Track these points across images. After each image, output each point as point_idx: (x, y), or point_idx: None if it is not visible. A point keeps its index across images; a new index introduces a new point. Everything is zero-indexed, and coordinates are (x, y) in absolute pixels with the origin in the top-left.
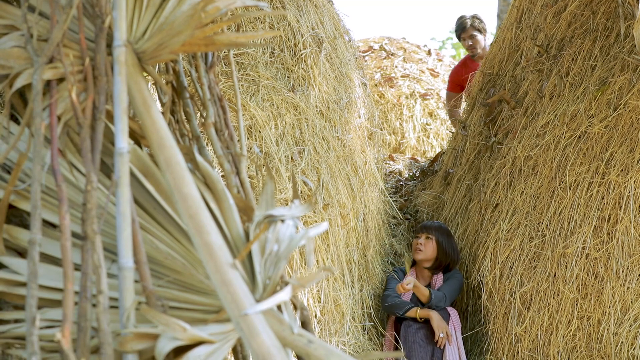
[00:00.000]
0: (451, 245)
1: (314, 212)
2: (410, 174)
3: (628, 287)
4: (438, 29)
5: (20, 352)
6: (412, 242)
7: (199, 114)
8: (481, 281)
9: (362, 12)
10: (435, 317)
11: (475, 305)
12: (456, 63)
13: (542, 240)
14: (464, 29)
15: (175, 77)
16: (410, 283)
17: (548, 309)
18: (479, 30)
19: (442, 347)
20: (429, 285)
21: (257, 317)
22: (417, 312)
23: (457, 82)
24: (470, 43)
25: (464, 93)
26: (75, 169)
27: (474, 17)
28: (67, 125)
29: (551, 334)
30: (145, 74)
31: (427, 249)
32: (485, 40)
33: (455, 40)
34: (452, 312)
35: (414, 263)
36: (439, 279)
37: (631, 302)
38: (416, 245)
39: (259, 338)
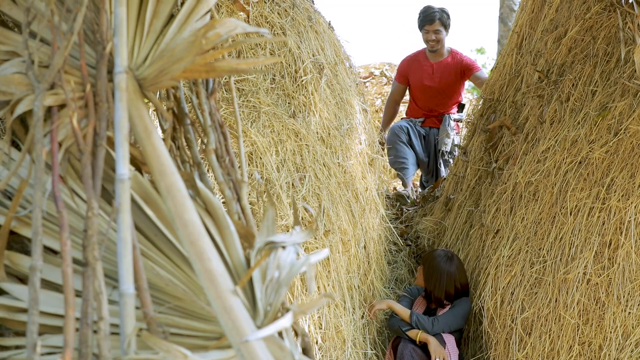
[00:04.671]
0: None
1: (315, 238)
2: (411, 200)
3: (629, 313)
4: None
5: None
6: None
7: (200, 141)
8: (482, 307)
9: (363, 39)
10: (432, 342)
11: (476, 331)
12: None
13: (543, 266)
14: (432, 21)
15: (176, 103)
16: (374, 307)
17: (549, 335)
18: (445, 27)
19: None
20: (435, 311)
21: (258, 344)
22: (417, 335)
23: (404, 74)
24: (434, 38)
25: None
26: (76, 195)
27: (443, 11)
28: (68, 152)
29: None
30: (146, 101)
31: (420, 277)
32: (447, 38)
33: None
34: (448, 339)
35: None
36: (445, 306)
37: (632, 327)
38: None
39: None
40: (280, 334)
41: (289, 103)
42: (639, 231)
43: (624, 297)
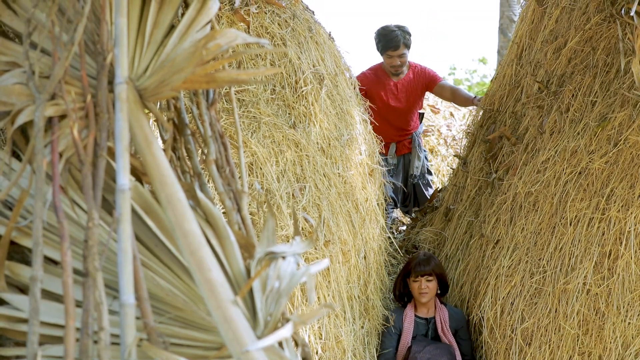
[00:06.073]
0: (443, 271)
1: (315, 248)
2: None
3: (629, 323)
4: (438, 66)
5: None
6: (411, 282)
7: (200, 151)
8: (482, 317)
9: (363, 49)
10: None
11: (476, 341)
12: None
13: (543, 276)
14: (396, 48)
15: (177, 114)
16: None
17: (549, 345)
18: (408, 48)
19: None
20: (433, 319)
21: (259, 354)
22: None
23: (363, 88)
24: (399, 62)
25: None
26: (76, 205)
27: (404, 31)
28: (68, 162)
29: None
30: (146, 111)
31: (431, 289)
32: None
33: (457, 76)
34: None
35: (411, 299)
36: (443, 312)
37: (632, 337)
38: (420, 289)
39: None
40: (280, 344)
41: (289, 113)
42: (639, 241)
43: (623, 307)
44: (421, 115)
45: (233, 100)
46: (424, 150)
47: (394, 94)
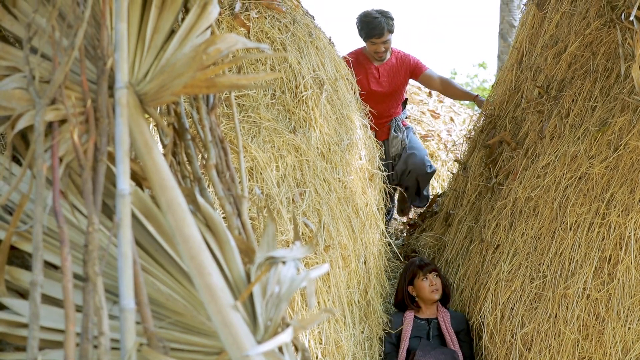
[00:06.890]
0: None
1: (315, 253)
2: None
3: (629, 328)
4: (438, 69)
5: None
6: (419, 283)
7: (200, 156)
8: (482, 322)
9: None
10: None
11: (476, 346)
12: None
13: (543, 281)
14: (381, 35)
15: (177, 118)
16: None
17: (549, 350)
18: (392, 33)
19: None
20: (436, 320)
21: (259, 359)
22: None
23: None
24: (384, 49)
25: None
26: (77, 210)
27: (387, 16)
28: (68, 167)
29: None
30: (146, 116)
31: (439, 286)
32: None
33: (458, 80)
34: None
35: (417, 303)
36: (445, 315)
37: (632, 342)
38: (431, 285)
39: None
40: (280, 349)
41: (289, 118)
42: (639, 246)
43: (623, 312)
44: (404, 102)
45: (233, 105)
46: (405, 128)
47: (376, 77)
